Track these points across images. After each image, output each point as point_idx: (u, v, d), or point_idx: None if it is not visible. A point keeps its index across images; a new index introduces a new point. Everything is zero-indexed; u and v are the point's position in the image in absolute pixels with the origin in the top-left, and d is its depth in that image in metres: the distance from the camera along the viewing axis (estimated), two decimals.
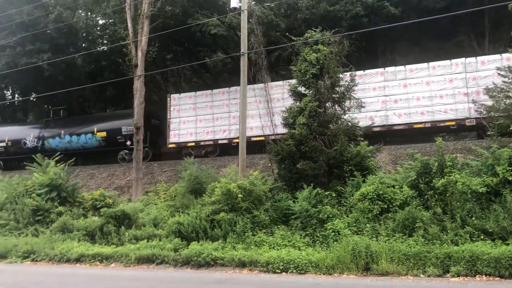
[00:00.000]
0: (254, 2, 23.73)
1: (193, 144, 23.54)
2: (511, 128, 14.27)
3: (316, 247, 11.60)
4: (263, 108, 19.60)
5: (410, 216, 11.16)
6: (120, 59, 23.23)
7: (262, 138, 20.11)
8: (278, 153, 14.53)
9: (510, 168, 11.38)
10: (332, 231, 11.78)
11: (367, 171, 13.57)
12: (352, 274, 10.11)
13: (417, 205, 11.63)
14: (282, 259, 10.86)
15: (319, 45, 14.85)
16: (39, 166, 18.52)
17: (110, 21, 30.87)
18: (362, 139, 14.50)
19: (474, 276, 9.37)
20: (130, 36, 20.54)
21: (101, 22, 34.04)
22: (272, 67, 21.66)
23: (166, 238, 13.23)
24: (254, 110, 20.37)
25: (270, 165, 16.90)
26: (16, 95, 36.46)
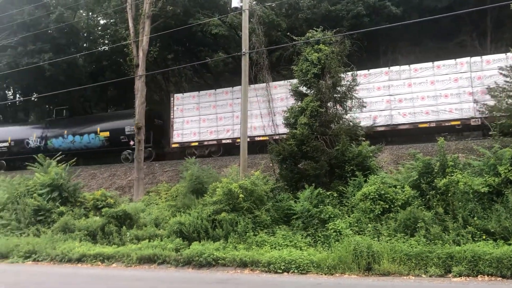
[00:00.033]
0: (255, 2, 23.76)
1: (196, 144, 23.49)
2: None
3: (317, 247, 11.59)
4: (266, 108, 19.56)
5: (411, 216, 11.14)
6: (121, 59, 23.25)
7: (266, 138, 20.07)
8: (279, 153, 14.50)
9: None
10: (334, 231, 11.77)
11: (368, 171, 13.55)
12: (353, 274, 10.10)
13: (418, 205, 11.61)
14: (284, 259, 10.84)
15: (321, 44, 14.83)
16: (40, 166, 18.51)
17: (111, 21, 30.84)
18: (364, 139, 14.48)
19: (476, 276, 9.35)
20: (131, 36, 20.53)
21: (102, 22, 34.08)
22: (273, 67, 21.68)
23: (168, 238, 13.22)
24: (258, 109, 20.28)
25: (271, 165, 16.88)
26: (18, 95, 36.50)
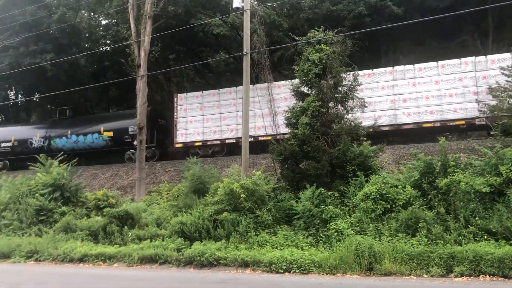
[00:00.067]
0: (256, 2, 23.77)
1: (200, 143, 23.47)
2: None
3: (319, 247, 11.58)
4: (270, 108, 19.53)
5: (413, 216, 11.12)
6: (123, 59, 23.31)
7: (269, 138, 19.99)
8: (281, 153, 14.50)
9: None
10: (335, 231, 11.75)
11: (370, 171, 13.53)
12: (355, 274, 10.09)
13: (420, 205, 11.58)
14: (285, 259, 10.84)
15: (322, 44, 14.82)
16: (42, 166, 18.55)
17: (113, 21, 30.91)
18: (365, 138, 14.47)
19: (478, 276, 9.33)
20: (133, 36, 20.54)
21: (104, 22, 34.13)
22: (274, 67, 21.65)
23: (169, 238, 13.22)
24: (262, 109, 20.22)
25: (273, 165, 16.87)
26: (20, 96, 36.58)
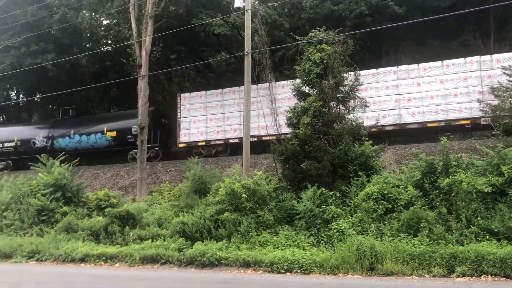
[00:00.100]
0: (258, 1, 23.75)
1: (203, 143, 23.43)
2: None
3: (320, 247, 11.57)
4: (272, 108, 19.48)
5: (415, 216, 11.11)
6: (124, 59, 23.34)
7: (274, 137, 19.93)
8: (282, 153, 14.50)
9: None
10: (337, 231, 11.74)
11: (371, 171, 13.52)
12: (356, 274, 10.08)
13: (422, 205, 11.58)
14: (287, 259, 10.84)
15: (323, 44, 14.79)
16: (43, 166, 18.57)
17: (114, 21, 30.93)
18: (367, 138, 14.45)
19: (480, 276, 9.32)
20: (134, 36, 20.57)
21: (105, 22, 34.15)
22: (276, 67, 21.62)
23: (171, 238, 13.23)
24: (266, 108, 20.12)
25: (274, 165, 16.86)
26: (21, 96, 36.64)
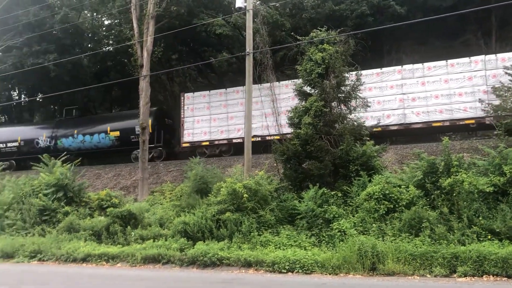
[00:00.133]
0: (259, 2, 23.73)
1: (207, 143, 23.40)
2: None
3: (322, 247, 11.57)
4: (273, 108, 19.49)
5: (416, 216, 11.10)
6: (126, 60, 23.34)
7: (278, 137, 19.91)
8: (283, 153, 14.50)
9: None
10: (338, 231, 11.74)
11: (373, 171, 13.51)
12: (358, 274, 10.09)
13: (423, 205, 11.57)
14: (288, 259, 10.84)
15: (325, 44, 14.78)
16: (45, 166, 18.59)
17: (116, 21, 30.95)
18: (368, 138, 14.44)
19: (481, 276, 9.32)
20: (136, 36, 20.57)
21: (106, 22, 34.15)
22: (277, 67, 21.64)
23: (172, 238, 13.24)
24: (270, 108, 20.04)
25: (275, 165, 16.86)
26: (23, 96, 36.69)
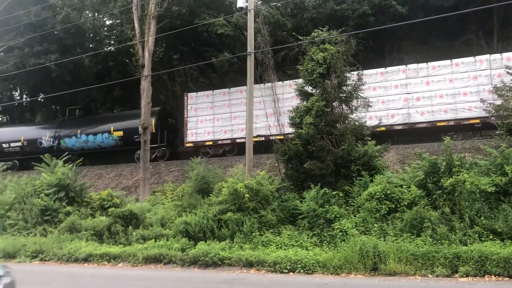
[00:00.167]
0: (260, 1, 23.73)
1: (211, 143, 23.36)
2: None
3: (323, 247, 11.58)
4: (275, 108, 19.45)
5: (418, 216, 11.10)
6: (127, 60, 23.32)
7: (282, 137, 19.84)
8: (285, 153, 14.49)
9: None
10: (340, 231, 11.75)
11: (374, 171, 13.50)
12: (359, 274, 10.09)
13: (425, 204, 11.56)
14: (290, 259, 10.85)
15: (326, 44, 14.78)
16: (47, 166, 18.61)
17: (117, 21, 30.95)
18: (370, 138, 14.42)
19: (483, 276, 9.32)
20: (137, 36, 20.57)
21: (108, 22, 34.19)
22: (278, 67, 21.62)
23: (174, 238, 13.26)
24: (272, 108, 20.02)
25: (277, 165, 16.86)
26: (24, 96, 36.71)
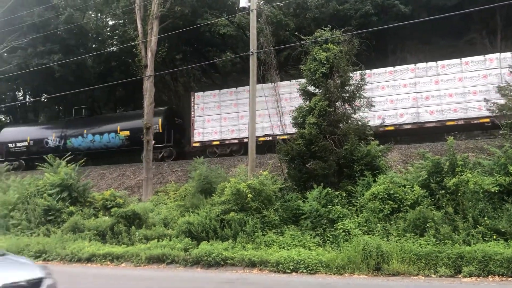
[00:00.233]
0: (263, 1, 23.74)
1: (218, 143, 23.33)
2: None
3: (326, 247, 11.56)
4: (277, 107, 19.42)
5: (421, 216, 11.06)
6: (130, 60, 23.43)
7: (287, 136, 19.80)
8: (287, 153, 14.47)
9: None
10: (343, 231, 11.73)
11: (377, 171, 13.47)
12: (362, 274, 10.06)
13: (428, 204, 11.52)
14: (292, 259, 10.83)
15: (329, 44, 14.77)
16: (50, 166, 18.66)
17: (120, 22, 31.01)
18: (373, 138, 14.39)
19: (487, 276, 9.27)
20: (140, 36, 20.60)
21: (111, 23, 34.26)
22: (281, 67, 21.63)
23: (176, 238, 13.25)
24: (276, 108, 19.94)
25: (279, 164, 16.85)
26: (27, 96, 36.86)
